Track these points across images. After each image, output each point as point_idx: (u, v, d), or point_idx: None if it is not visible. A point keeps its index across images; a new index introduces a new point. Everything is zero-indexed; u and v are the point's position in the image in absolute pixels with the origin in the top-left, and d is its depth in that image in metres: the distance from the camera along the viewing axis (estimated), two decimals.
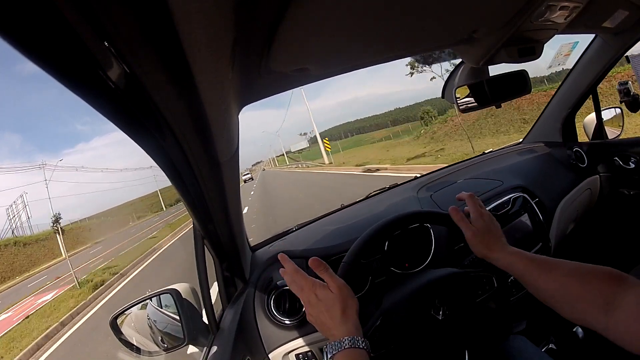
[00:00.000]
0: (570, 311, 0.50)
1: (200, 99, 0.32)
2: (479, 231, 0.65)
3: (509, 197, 1.01)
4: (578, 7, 0.62)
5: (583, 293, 0.48)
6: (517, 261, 0.59)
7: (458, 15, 0.53)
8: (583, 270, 0.50)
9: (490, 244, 0.63)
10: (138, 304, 0.79)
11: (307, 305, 0.55)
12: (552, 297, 0.53)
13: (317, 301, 0.53)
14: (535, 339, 0.80)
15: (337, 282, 0.54)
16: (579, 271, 0.50)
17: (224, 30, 0.30)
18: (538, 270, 0.55)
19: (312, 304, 0.54)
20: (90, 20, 0.20)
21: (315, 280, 0.55)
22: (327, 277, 0.55)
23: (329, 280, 0.55)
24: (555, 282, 0.52)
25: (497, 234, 0.65)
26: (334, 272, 0.57)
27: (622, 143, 1.23)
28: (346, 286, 0.55)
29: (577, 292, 0.49)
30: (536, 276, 0.55)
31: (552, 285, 0.52)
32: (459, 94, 0.85)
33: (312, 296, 0.54)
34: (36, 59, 0.20)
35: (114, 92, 0.25)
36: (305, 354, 0.79)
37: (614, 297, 0.44)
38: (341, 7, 0.39)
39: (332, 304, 0.52)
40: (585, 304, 0.47)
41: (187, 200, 0.52)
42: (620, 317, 0.43)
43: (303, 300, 0.56)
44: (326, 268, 0.56)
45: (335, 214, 1.20)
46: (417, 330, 0.61)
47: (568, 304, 0.50)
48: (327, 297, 0.53)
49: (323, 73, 0.57)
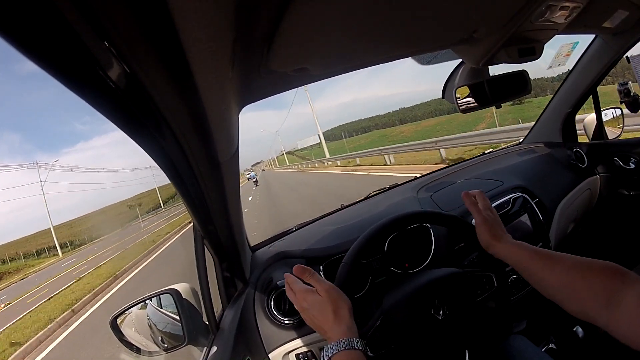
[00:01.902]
0: (573, 306, 0.50)
1: (200, 98, 0.32)
2: (488, 219, 0.66)
3: (509, 197, 1.01)
4: (578, 7, 0.62)
5: (585, 288, 0.48)
6: (521, 253, 0.59)
7: (458, 15, 0.53)
8: (586, 264, 0.50)
9: (496, 234, 0.64)
10: (138, 304, 0.78)
11: (301, 311, 0.56)
12: (555, 290, 0.53)
13: (309, 306, 0.55)
14: (535, 339, 0.80)
15: (324, 286, 0.55)
16: (582, 265, 0.50)
17: (224, 29, 0.30)
18: (542, 262, 0.55)
19: (305, 310, 0.55)
20: (90, 20, 0.20)
21: (304, 287, 0.57)
22: (314, 282, 0.56)
23: (316, 284, 0.56)
24: (559, 276, 0.52)
25: (502, 227, 0.67)
26: (331, 274, 0.57)
27: (622, 143, 1.23)
28: (334, 288, 0.56)
29: (579, 286, 0.49)
30: (540, 269, 0.55)
31: (556, 279, 0.52)
32: (459, 94, 0.85)
33: (303, 302, 0.55)
34: (36, 59, 0.20)
35: (114, 92, 0.25)
36: (305, 354, 0.79)
37: (615, 293, 0.45)
38: (341, 7, 0.39)
39: (322, 307, 0.53)
40: (587, 299, 0.48)
41: (187, 200, 0.52)
42: (622, 313, 0.43)
43: (297, 307, 0.57)
44: (312, 273, 0.57)
45: (335, 214, 1.20)
46: (417, 330, 0.61)
47: (571, 298, 0.50)
48: (316, 302, 0.54)
49: (323, 73, 0.57)
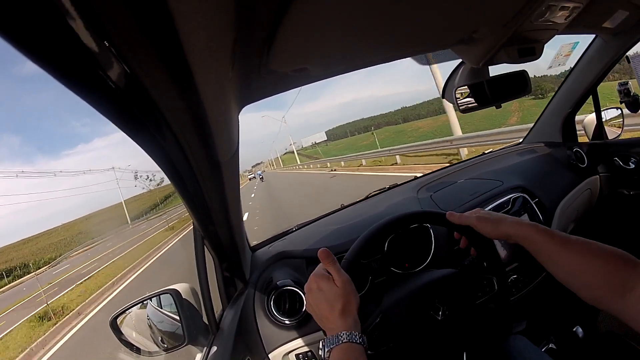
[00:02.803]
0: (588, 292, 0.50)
1: (200, 99, 0.32)
2: (482, 216, 0.63)
3: (509, 197, 1.01)
4: (578, 8, 0.62)
5: (601, 273, 0.48)
6: (534, 233, 0.55)
7: (458, 15, 0.53)
8: (600, 249, 0.50)
9: (497, 223, 0.61)
10: (138, 304, 0.78)
11: (308, 292, 0.55)
12: (570, 275, 0.51)
13: (319, 291, 0.53)
14: (535, 339, 0.80)
15: (343, 277, 0.54)
16: (597, 250, 0.50)
17: (224, 30, 0.30)
18: (556, 244, 0.53)
19: (313, 293, 0.54)
20: (90, 20, 0.20)
21: (321, 272, 0.55)
22: (334, 270, 0.55)
23: (335, 273, 0.54)
24: (573, 259, 0.51)
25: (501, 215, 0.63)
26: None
27: (622, 143, 1.23)
28: (351, 283, 0.54)
29: (595, 271, 0.48)
30: (554, 250, 0.53)
31: (570, 262, 0.51)
32: (459, 94, 0.85)
33: (313, 285, 0.54)
34: (36, 59, 0.20)
35: (114, 92, 0.25)
36: (305, 354, 0.79)
37: (629, 280, 0.45)
38: (341, 7, 0.39)
39: (334, 297, 0.52)
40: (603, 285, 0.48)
41: (187, 201, 0.52)
42: (634, 299, 0.44)
43: (305, 287, 0.56)
44: (334, 261, 0.55)
45: (335, 214, 1.20)
46: (417, 330, 0.61)
47: (585, 284, 0.50)
48: (329, 290, 0.53)
49: (323, 73, 0.57)
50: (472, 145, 7.53)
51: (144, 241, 21.64)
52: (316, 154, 56.59)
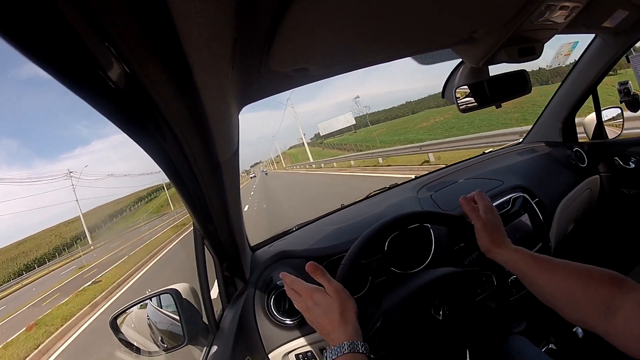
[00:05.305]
0: (572, 314, 0.50)
1: (200, 98, 0.32)
2: (488, 223, 0.65)
3: (509, 197, 1.01)
4: (578, 7, 0.62)
5: (584, 296, 0.48)
6: (520, 259, 0.58)
7: (458, 15, 0.53)
8: (584, 271, 0.50)
9: (496, 239, 0.64)
10: (138, 304, 0.78)
11: (305, 311, 0.55)
12: (554, 298, 0.52)
13: (315, 305, 0.53)
14: (535, 339, 0.80)
15: (334, 286, 0.54)
16: (580, 273, 0.50)
17: (224, 30, 0.30)
18: (540, 269, 0.55)
19: (310, 309, 0.54)
20: (90, 20, 0.20)
21: (311, 286, 0.55)
22: (324, 280, 0.55)
23: (325, 284, 0.55)
24: (557, 283, 0.52)
25: (502, 231, 0.66)
26: (331, 275, 0.57)
27: (622, 143, 1.23)
28: (343, 289, 0.55)
29: (578, 294, 0.49)
30: (538, 275, 0.55)
31: (554, 286, 0.52)
32: (459, 94, 0.85)
33: (309, 301, 0.54)
34: (36, 59, 0.20)
35: (114, 92, 0.25)
36: (305, 354, 0.79)
37: (613, 301, 0.44)
38: (341, 7, 0.39)
39: (329, 307, 0.52)
40: (586, 307, 0.47)
41: (187, 201, 0.52)
42: (620, 321, 0.43)
43: (299, 307, 0.56)
44: (323, 272, 0.56)
45: (335, 214, 1.20)
46: (418, 331, 0.61)
47: (569, 306, 0.50)
48: (324, 301, 0.53)
49: (323, 73, 0.57)
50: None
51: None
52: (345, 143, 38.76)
